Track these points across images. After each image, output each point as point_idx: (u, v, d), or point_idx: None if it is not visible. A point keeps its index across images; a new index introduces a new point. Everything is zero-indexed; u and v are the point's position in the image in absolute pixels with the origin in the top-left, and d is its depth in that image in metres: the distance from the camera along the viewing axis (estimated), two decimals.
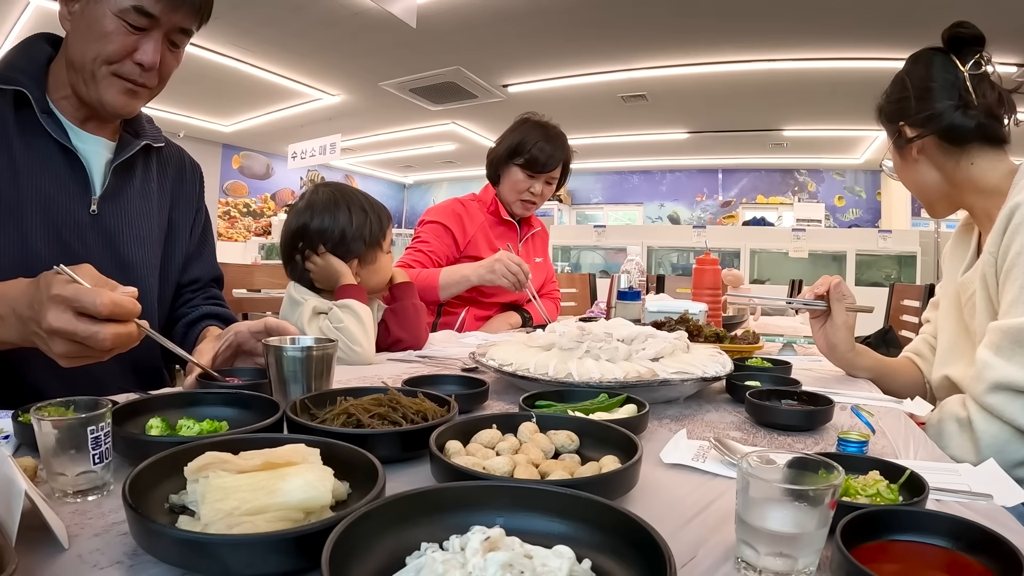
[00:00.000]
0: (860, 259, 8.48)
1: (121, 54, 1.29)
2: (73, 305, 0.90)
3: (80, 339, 0.90)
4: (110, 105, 1.33)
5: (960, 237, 1.65)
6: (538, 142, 2.65)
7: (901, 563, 0.61)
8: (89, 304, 0.89)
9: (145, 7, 1.26)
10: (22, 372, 1.30)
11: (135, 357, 1.48)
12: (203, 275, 1.69)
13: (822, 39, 6.47)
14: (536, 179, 2.71)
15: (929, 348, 1.73)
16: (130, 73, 1.32)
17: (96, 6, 1.26)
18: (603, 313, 2.91)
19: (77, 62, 1.30)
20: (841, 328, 1.63)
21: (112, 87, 1.32)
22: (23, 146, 1.30)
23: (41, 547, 0.61)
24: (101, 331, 0.90)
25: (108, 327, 0.91)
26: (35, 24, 6.55)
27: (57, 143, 1.33)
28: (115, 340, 0.92)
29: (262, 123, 10.88)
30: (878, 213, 12.08)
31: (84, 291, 0.90)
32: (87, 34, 1.28)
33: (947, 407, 1.36)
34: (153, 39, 1.31)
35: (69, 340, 0.91)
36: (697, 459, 0.95)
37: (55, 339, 0.92)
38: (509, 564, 0.49)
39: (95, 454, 0.73)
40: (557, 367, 1.31)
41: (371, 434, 0.89)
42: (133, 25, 1.27)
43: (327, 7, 6.17)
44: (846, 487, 0.75)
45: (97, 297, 0.90)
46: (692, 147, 11.56)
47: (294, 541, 0.55)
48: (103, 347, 0.92)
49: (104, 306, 0.89)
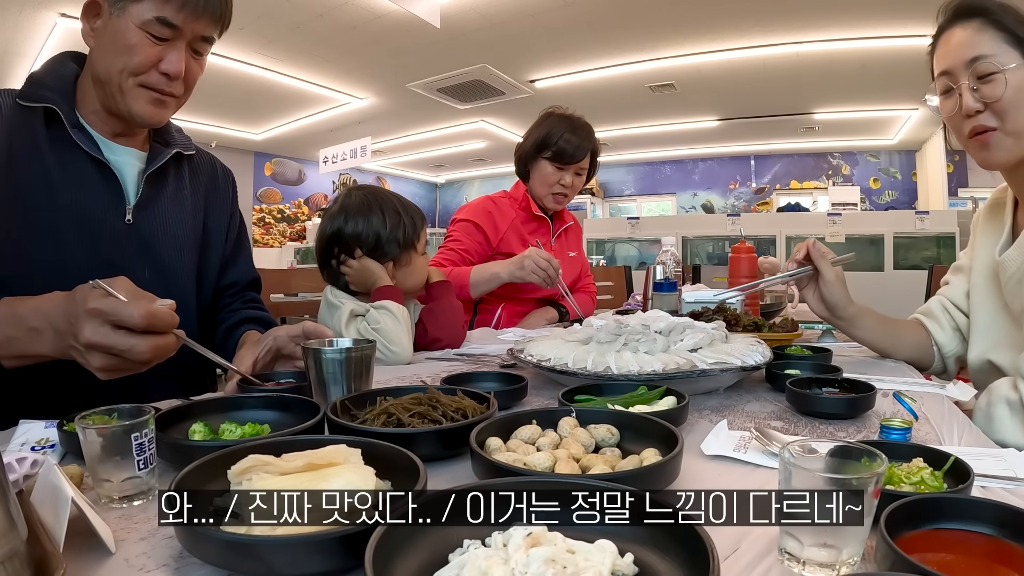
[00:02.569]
0: (898, 241, 8.31)
1: (146, 65, 1.31)
2: (110, 318, 0.91)
3: (118, 352, 0.92)
4: (139, 116, 1.35)
5: (993, 212, 1.60)
6: (564, 134, 2.66)
7: (947, 552, 0.60)
8: (126, 317, 0.91)
9: (168, 18, 1.28)
10: (67, 382, 1.32)
11: (177, 363, 1.50)
12: (240, 278, 1.71)
13: (850, 18, 6.38)
14: (565, 171, 2.71)
15: (943, 310, 1.68)
16: (156, 83, 1.33)
17: (119, 20, 1.28)
18: (639, 305, 2.89)
19: (104, 76, 1.32)
20: (835, 283, 1.59)
21: (140, 98, 1.34)
22: (56, 161, 1.33)
23: (88, 552, 0.62)
24: (139, 344, 0.92)
25: (146, 339, 0.93)
26: (64, 43, 6.68)
27: (89, 156, 1.36)
28: (153, 352, 0.94)
29: (292, 129, 10.99)
30: (914, 194, 11.87)
31: (120, 304, 0.91)
32: (111, 48, 1.30)
33: (997, 390, 1.32)
34: (177, 49, 1.32)
35: (107, 353, 0.92)
36: (738, 450, 0.94)
37: (93, 353, 0.93)
38: (552, 559, 0.49)
39: (139, 460, 0.75)
40: (595, 361, 1.30)
41: (412, 433, 0.89)
42: (156, 36, 1.29)
43: (350, 11, 6.21)
44: (890, 475, 0.73)
45: (134, 310, 0.91)
46: (723, 134, 11.45)
47: (338, 541, 0.56)
48: (141, 359, 0.93)
49: (141, 318, 0.91)
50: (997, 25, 1.35)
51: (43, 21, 6.32)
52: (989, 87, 1.35)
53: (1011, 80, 1.33)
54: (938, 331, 1.67)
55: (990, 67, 1.34)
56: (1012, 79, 1.33)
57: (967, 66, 1.37)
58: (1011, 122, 1.36)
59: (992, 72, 1.34)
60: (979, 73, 1.35)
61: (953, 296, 1.67)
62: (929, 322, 1.69)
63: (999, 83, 1.33)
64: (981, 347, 1.55)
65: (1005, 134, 1.38)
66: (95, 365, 0.94)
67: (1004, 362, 1.46)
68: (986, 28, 1.36)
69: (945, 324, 1.66)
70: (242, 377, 1.26)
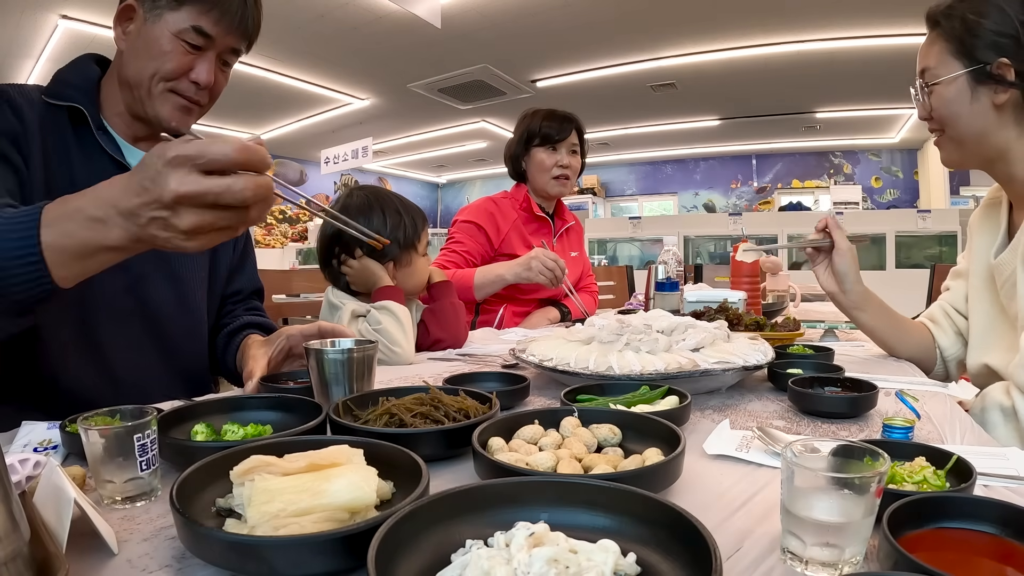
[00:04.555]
0: (900, 240, 8.33)
1: (178, 72, 1.33)
2: (198, 162, 0.80)
3: (213, 197, 0.80)
4: (166, 121, 1.37)
5: (988, 213, 1.59)
6: (543, 120, 2.73)
7: (950, 551, 0.60)
8: (218, 154, 0.80)
9: (204, 27, 1.31)
10: (71, 384, 1.32)
11: (183, 367, 1.51)
12: (245, 287, 1.72)
13: (851, 17, 6.38)
14: (558, 150, 2.74)
15: (944, 315, 1.68)
16: (186, 90, 1.36)
17: (154, 27, 1.30)
18: (642, 305, 2.90)
19: (134, 79, 1.34)
20: (846, 254, 1.61)
21: (168, 103, 1.36)
22: (81, 162, 1.34)
23: (91, 553, 0.62)
24: (236, 181, 0.81)
25: (243, 176, 0.82)
26: (65, 45, 6.70)
27: (112, 159, 1.37)
28: (254, 190, 0.82)
29: (294, 130, 11.00)
30: (916, 193, 11.87)
31: (206, 143, 0.81)
32: (145, 52, 1.32)
33: (990, 396, 1.33)
34: (208, 59, 1.35)
35: (199, 206, 0.81)
36: (741, 449, 0.94)
37: (182, 210, 0.81)
38: (554, 559, 0.49)
39: (142, 461, 0.75)
40: (597, 360, 1.30)
41: (414, 433, 0.89)
42: (190, 44, 1.32)
43: (351, 12, 6.22)
44: (892, 474, 0.73)
45: (223, 144, 0.81)
46: (724, 134, 11.46)
47: (340, 541, 0.56)
48: (240, 198, 0.82)
49: (235, 151, 0.81)
50: (945, 36, 1.41)
51: (44, 23, 6.33)
52: (929, 98, 1.46)
53: (944, 92, 1.42)
54: (941, 335, 1.66)
55: (931, 78, 1.44)
56: (945, 91, 1.42)
57: (919, 75, 1.49)
58: (950, 129, 1.46)
59: (932, 84, 1.44)
60: (924, 84, 1.47)
61: (953, 300, 1.67)
62: (932, 326, 1.69)
63: (936, 95, 1.44)
64: (979, 351, 1.55)
65: (948, 139, 1.49)
66: (185, 226, 0.82)
67: (1000, 365, 1.46)
68: (936, 40, 1.43)
69: (947, 328, 1.66)
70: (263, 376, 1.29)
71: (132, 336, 1.42)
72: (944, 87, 1.42)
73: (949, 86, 1.41)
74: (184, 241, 0.84)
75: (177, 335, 1.50)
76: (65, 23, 6.29)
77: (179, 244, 0.84)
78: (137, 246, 0.87)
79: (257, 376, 1.28)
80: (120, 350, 1.39)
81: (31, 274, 0.87)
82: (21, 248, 0.86)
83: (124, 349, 1.40)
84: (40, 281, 0.88)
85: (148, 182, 0.81)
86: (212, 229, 0.84)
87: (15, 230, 0.87)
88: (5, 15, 6.07)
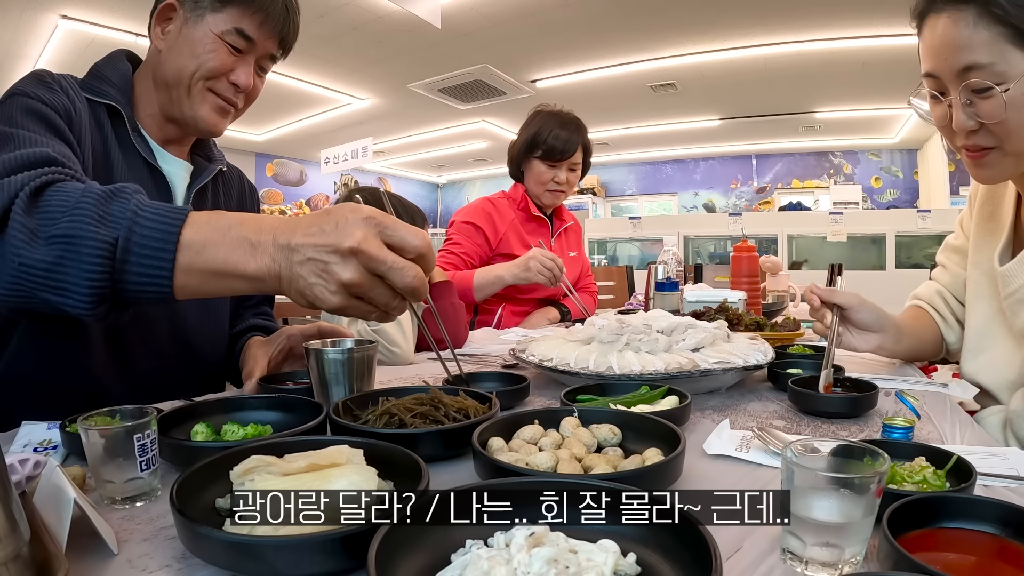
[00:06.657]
0: (900, 240, 8.32)
1: (219, 71, 1.33)
2: (387, 232, 0.81)
3: (386, 269, 0.80)
4: (203, 121, 1.37)
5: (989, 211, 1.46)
6: (552, 130, 2.67)
7: (950, 551, 0.60)
8: (408, 234, 0.82)
9: (245, 30, 1.31)
10: (68, 383, 1.32)
11: (203, 373, 1.50)
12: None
13: (851, 17, 6.37)
14: (558, 167, 2.72)
15: (943, 302, 1.61)
16: (224, 91, 1.36)
17: (195, 28, 1.30)
18: (642, 305, 2.90)
19: (173, 78, 1.33)
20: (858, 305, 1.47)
21: (206, 102, 1.35)
22: (121, 161, 1.33)
23: (91, 553, 0.62)
24: (411, 265, 0.82)
25: (416, 266, 0.82)
26: (65, 45, 6.69)
27: (145, 162, 1.37)
28: (419, 284, 0.82)
29: (294, 130, 10.98)
30: (916, 193, 11.86)
31: (400, 222, 0.82)
32: (187, 51, 1.31)
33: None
34: (247, 63, 1.36)
35: (365, 270, 0.80)
36: (741, 449, 0.94)
37: (352, 262, 0.80)
38: (554, 559, 0.49)
39: (142, 461, 0.75)
40: (597, 361, 1.30)
41: (414, 433, 0.89)
42: (233, 46, 1.32)
43: (350, 12, 6.22)
44: (892, 474, 0.73)
45: (415, 230, 0.82)
46: (724, 134, 11.44)
47: (340, 541, 0.56)
48: (404, 284, 0.82)
49: (422, 241, 0.82)
50: (995, 17, 1.04)
51: (44, 23, 6.31)
52: (987, 105, 1.10)
53: (1014, 96, 1.06)
54: (948, 331, 1.61)
55: (988, 79, 1.07)
56: (1016, 94, 1.06)
57: (959, 76, 1.11)
58: (1012, 143, 1.13)
59: (990, 87, 1.07)
60: (974, 87, 1.10)
61: (953, 287, 1.61)
62: (935, 315, 1.63)
63: (996, 100, 1.08)
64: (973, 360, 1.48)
65: (1005, 154, 1.16)
66: (347, 278, 0.80)
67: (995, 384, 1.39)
68: (982, 21, 1.06)
69: (949, 317, 1.61)
70: (263, 376, 1.28)
71: (157, 340, 1.41)
72: (1016, 88, 1.06)
73: (1020, 86, 1.05)
74: (330, 293, 0.81)
75: (200, 341, 1.50)
76: (65, 23, 6.27)
77: (321, 294, 0.82)
78: (270, 283, 0.84)
79: (256, 376, 1.28)
80: (144, 354, 1.39)
81: (155, 267, 0.83)
82: (159, 238, 0.83)
83: (148, 353, 1.40)
84: (160, 278, 0.84)
85: (330, 227, 0.80)
86: (359, 295, 0.82)
87: (159, 219, 0.84)
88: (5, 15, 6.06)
